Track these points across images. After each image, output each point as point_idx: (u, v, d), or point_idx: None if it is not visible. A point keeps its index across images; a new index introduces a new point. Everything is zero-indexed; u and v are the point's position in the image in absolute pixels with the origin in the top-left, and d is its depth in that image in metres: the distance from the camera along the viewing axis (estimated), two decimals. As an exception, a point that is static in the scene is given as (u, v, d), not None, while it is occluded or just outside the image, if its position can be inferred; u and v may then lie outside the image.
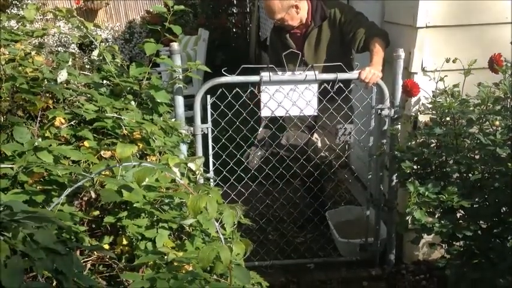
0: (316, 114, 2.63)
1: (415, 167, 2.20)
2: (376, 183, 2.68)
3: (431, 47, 2.46)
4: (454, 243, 2.05)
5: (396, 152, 2.28)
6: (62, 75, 1.84)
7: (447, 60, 2.28)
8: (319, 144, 2.81)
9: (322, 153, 2.78)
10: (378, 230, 2.75)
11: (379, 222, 2.75)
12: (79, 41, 2.17)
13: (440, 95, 2.26)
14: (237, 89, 2.47)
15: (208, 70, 2.39)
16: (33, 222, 0.98)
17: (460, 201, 1.90)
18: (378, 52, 2.52)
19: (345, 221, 3.02)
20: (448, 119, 2.22)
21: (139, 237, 1.49)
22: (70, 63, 2.00)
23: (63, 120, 1.75)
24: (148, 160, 1.78)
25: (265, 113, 2.59)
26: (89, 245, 1.43)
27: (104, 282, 1.41)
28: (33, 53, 2.02)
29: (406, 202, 2.14)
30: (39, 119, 1.74)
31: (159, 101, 2.11)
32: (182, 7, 2.17)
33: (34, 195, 1.39)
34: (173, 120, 2.29)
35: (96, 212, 1.55)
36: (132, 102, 2.03)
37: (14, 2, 7.09)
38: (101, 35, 2.25)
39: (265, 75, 2.45)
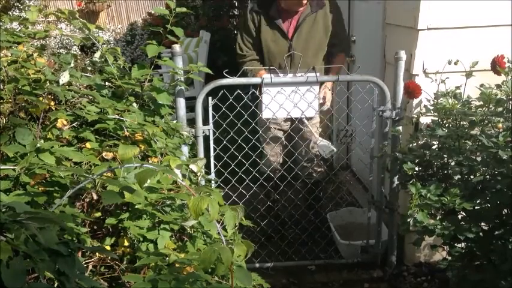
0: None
1: (416, 168, 2.20)
2: (377, 185, 2.68)
3: (433, 49, 2.46)
4: (455, 245, 2.05)
5: (398, 154, 2.28)
6: (64, 77, 1.85)
7: (449, 62, 2.28)
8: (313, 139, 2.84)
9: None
10: (379, 232, 2.75)
11: (380, 224, 2.74)
12: (81, 42, 2.17)
13: (443, 97, 2.26)
14: (238, 90, 2.47)
15: (210, 72, 2.39)
16: (36, 224, 0.98)
17: (462, 203, 1.89)
18: (336, 69, 2.73)
19: (346, 223, 3.02)
20: (449, 120, 2.22)
21: (141, 239, 1.50)
22: (72, 65, 2.00)
23: (65, 122, 1.76)
24: (150, 162, 1.78)
25: (266, 115, 2.59)
26: (91, 246, 1.43)
27: (106, 283, 1.41)
28: (35, 54, 2.03)
29: (407, 204, 2.14)
30: (41, 120, 1.74)
31: (160, 102, 2.11)
32: (184, 9, 2.18)
33: (36, 197, 1.40)
34: (175, 122, 2.29)
35: (98, 214, 1.55)
36: (134, 104, 2.03)
37: (16, 4, 7.11)
38: (102, 37, 2.25)
39: (266, 77, 2.45)
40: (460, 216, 2.02)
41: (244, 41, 2.79)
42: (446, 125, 2.22)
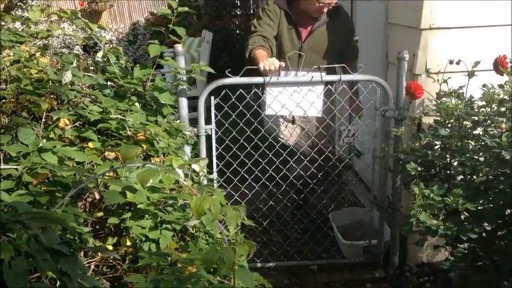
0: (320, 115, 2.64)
1: (419, 169, 2.19)
2: (379, 185, 2.68)
3: (436, 49, 2.45)
4: (458, 245, 2.05)
5: (400, 154, 2.27)
6: (67, 77, 1.85)
7: (450, 62, 2.27)
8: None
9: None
10: (382, 232, 2.74)
11: (382, 224, 2.74)
12: (83, 42, 2.18)
13: (445, 97, 2.25)
14: (241, 90, 2.47)
15: (212, 71, 2.39)
16: (38, 223, 0.98)
17: (465, 203, 1.89)
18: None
19: (348, 223, 3.02)
20: (452, 120, 2.21)
21: (143, 239, 1.50)
22: (74, 64, 2.00)
23: (67, 122, 1.76)
24: (152, 161, 1.78)
25: (269, 113, 2.60)
26: (93, 246, 1.43)
27: (108, 283, 1.41)
28: (37, 54, 2.03)
29: (409, 204, 2.14)
30: (43, 120, 1.74)
31: (163, 102, 2.11)
32: (186, 9, 2.18)
33: (38, 196, 1.40)
34: (177, 121, 2.29)
35: (100, 213, 1.55)
36: (136, 104, 2.03)
37: (18, 4, 7.12)
38: (105, 36, 2.26)
39: (269, 76, 2.45)
40: (462, 217, 2.01)
41: (260, 22, 2.82)
42: (449, 125, 2.21)
